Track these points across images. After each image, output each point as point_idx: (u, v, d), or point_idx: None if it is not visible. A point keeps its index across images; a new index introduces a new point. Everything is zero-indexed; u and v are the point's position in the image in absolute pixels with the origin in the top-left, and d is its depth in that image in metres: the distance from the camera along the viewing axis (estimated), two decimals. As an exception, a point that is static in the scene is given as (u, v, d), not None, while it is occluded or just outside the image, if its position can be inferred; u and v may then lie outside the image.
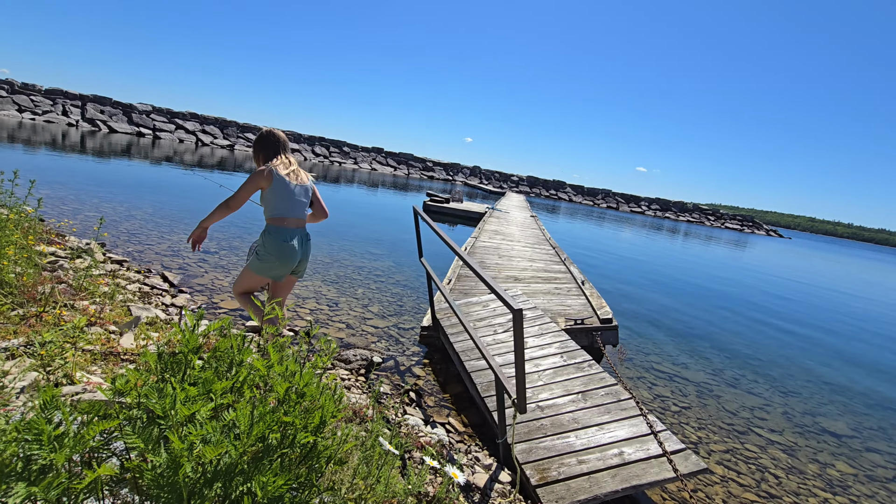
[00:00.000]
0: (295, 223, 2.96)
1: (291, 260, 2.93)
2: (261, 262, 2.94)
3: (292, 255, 2.90)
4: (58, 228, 5.96)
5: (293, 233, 2.92)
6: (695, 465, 2.69)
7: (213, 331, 1.72)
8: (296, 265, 3.00)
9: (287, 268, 2.97)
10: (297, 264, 3.01)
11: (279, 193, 2.84)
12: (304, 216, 3.04)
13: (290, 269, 2.99)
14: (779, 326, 8.91)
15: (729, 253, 26.28)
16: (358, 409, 2.71)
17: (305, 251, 3.05)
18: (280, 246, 2.86)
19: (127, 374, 1.22)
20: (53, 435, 0.97)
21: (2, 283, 3.31)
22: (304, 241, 3.04)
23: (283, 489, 1.00)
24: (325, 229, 10.84)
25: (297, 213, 2.96)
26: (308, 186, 3.05)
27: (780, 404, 5.04)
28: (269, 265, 2.91)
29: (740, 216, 75.43)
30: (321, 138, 58.95)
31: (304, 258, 3.05)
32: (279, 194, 2.84)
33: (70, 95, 42.83)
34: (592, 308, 5.66)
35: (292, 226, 2.92)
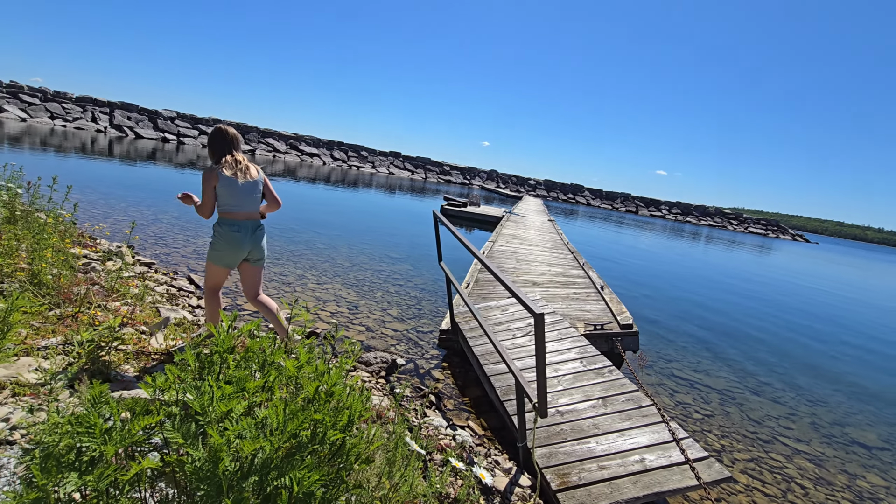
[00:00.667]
0: (243, 216, 3.16)
1: (238, 247, 3.15)
2: (213, 251, 3.18)
3: (239, 242, 3.14)
4: (90, 232, 6.17)
5: (241, 224, 3.15)
6: (718, 474, 2.65)
7: (244, 332, 1.78)
8: (245, 253, 3.21)
9: (237, 254, 3.18)
10: (249, 252, 3.23)
11: (226, 191, 3.07)
12: (253, 209, 3.23)
13: (241, 255, 3.20)
14: (805, 334, 8.69)
15: (752, 258, 25.70)
16: (380, 412, 2.76)
17: (255, 239, 3.22)
18: (228, 235, 3.10)
19: (167, 371, 1.28)
20: (103, 428, 1.02)
21: (40, 284, 3.46)
22: (254, 231, 3.23)
23: (316, 484, 1.04)
24: (343, 233, 10.99)
25: (245, 208, 3.16)
26: (258, 181, 3.22)
27: (807, 413, 4.92)
28: (220, 253, 3.14)
29: (764, 220, 73.63)
30: (339, 143, 59.68)
31: (253, 247, 3.23)
32: (226, 192, 3.07)
33: (99, 102, 44.28)
34: (612, 313, 5.61)
35: (240, 218, 3.15)
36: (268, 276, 6.35)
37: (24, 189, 5.22)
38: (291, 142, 54.87)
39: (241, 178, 3.10)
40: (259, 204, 3.25)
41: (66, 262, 3.89)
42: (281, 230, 9.90)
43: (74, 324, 3.16)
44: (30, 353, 2.58)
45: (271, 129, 54.51)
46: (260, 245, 3.27)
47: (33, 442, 1.05)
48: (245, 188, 3.11)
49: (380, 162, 59.82)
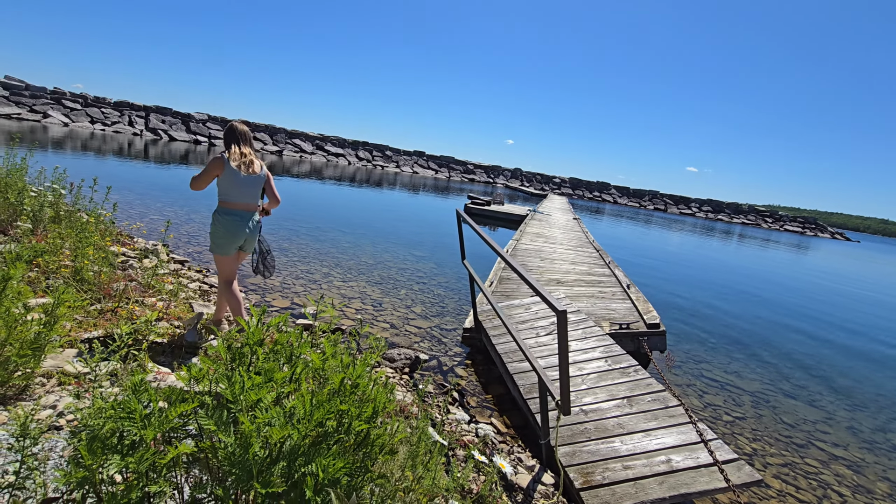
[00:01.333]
0: (242, 206, 3.31)
1: (235, 234, 3.30)
2: (213, 241, 3.33)
3: (236, 230, 3.28)
4: (128, 230, 6.44)
5: (238, 213, 3.30)
6: (748, 476, 2.59)
7: (272, 326, 1.84)
8: (242, 241, 3.36)
9: (234, 242, 3.33)
10: (245, 241, 3.38)
11: (228, 181, 3.21)
12: (252, 202, 3.36)
13: (237, 243, 3.35)
14: (843, 336, 8.33)
15: (788, 257, 24.76)
16: (403, 406, 2.79)
17: (252, 230, 3.38)
18: (226, 223, 3.26)
19: (201, 361, 1.34)
20: (143, 414, 1.08)
21: (82, 281, 3.64)
22: (251, 222, 3.36)
23: (342, 472, 1.07)
24: (368, 231, 11.12)
25: (244, 199, 3.31)
26: (260, 176, 3.36)
27: (846, 418, 4.72)
28: (220, 241, 3.29)
29: (801, 218, 70.76)
30: (364, 143, 60.34)
31: (249, 237, 3.38)
32: (228, 181, 3.21)
33: (135, 107, 46.03)
34: (639, 312, 5.52)
35: (238, 208, 3.30)
36: (294, 273, 6.49)
37: (67, 190, 5.49)
38: (318, 142, 55.79)
39: (243, 170, 3.26)
40: (258, 198, 3.39)
41: (106, 259, 4.07)
42: (308, 229, 10.09)
43: (114, 318, 3.32)
44: (74, 344, 2.72)
45: (298, 130, 55.54)
46: (254, 235, 3.44)
47: (80, 426, 1.12)
48: (246, 181, 3.27)
49: (404, 161, 60.20)
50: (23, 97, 38.06)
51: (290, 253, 7.65)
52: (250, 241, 3.43)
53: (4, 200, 4.94)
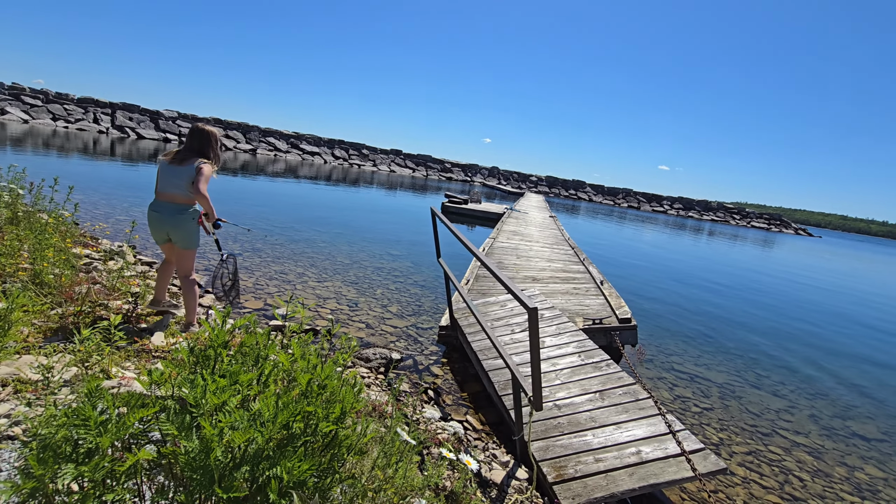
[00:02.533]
0: (164, 197, 3.42)
1: (154, 224, 3.45)
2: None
3: (154, 220, 3.44)
4: (92, 231, 6.22)
5: (159, 204, 3.43)
6: (714, 465, 2.67)
7: (239, 328, 1.80)
8: (164, 233, 3.48)
9: (155, 232, 3.50)
10: (168, 233, 3.48)
11: (158, 173, 3.45)
12: (175, 192, 3.41)
13: (160, 233, 3.50)
14: (806, 327, 8.68)
15: (754, 252, 25.63)
16: (377, 406, 2.78)
17: (172, 222, 3.43)
18: (148, 213, 3.46)
19: (162, 366, 1.31)
20: (99, 420, 1.05)
21: (42, 284, 3.50)
22: (172, 213, 3.42)
23: (307, 474, 1.06)
24: (344, 231, 11.02)
25: (166, 189, 3.41)
26: (185, 168, 3.40)
27: (807, 406, 4.93)
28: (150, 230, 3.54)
29: (767, 215, 73.37)
30: (340, 141, 59.69)
31: (171, 228, 3.45)
32: (157, 173, 3.46)
33: (101, 104, 44.39)
34: (611, 308, 5.63)
35: (161, 199, 3.44)
36: (268, 274, 6.39)
37: (26, 190, 5.26)
38: (293, 141, 54.92)
39: (168, 161, 3.39)
40: (182, 189, 3.40)
41: (68, 261, 3.92)
42: (282, 229, 9.94)
43: (77, 322, 3.20)
44: (31, 351, 2.61)
45: (272, 129, 54.55)
46: (179, 228, 3.45)
47: (31, 434, 1.08)
48: (168, 171, 3.38)
49: (381, 160, 59.83)
50: (-22, 93, 36.29)
51: (264, 253, 7.51)
52: (174, 232, 3.46)
53: (-44, 201, 4.70)
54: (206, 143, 3.48)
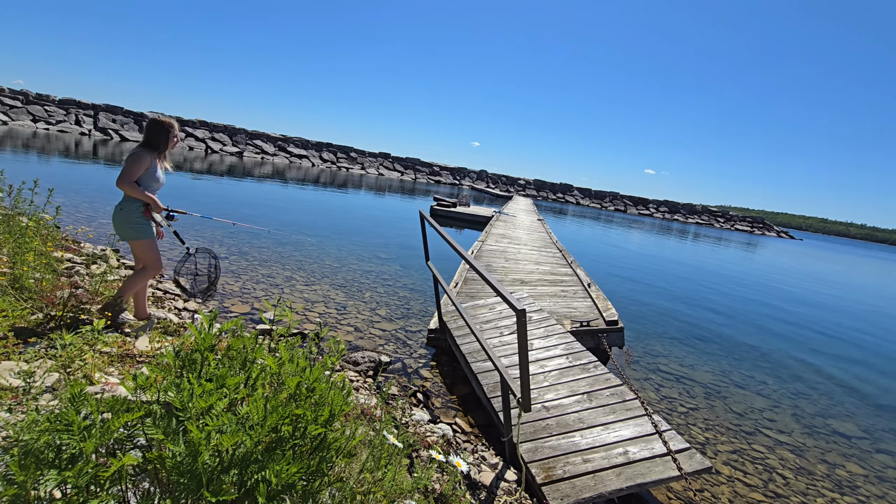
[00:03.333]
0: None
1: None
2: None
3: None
4: (74, 235, 6.10)
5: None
6: (699, 464, 2.71)
7: (226, 331, 1.79)
8: (114, 229, 3.54)
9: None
10: (115, 228, 3.54)
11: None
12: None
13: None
14: (788, 328, 8.85)
15: (738, 255, 26.08)
16: (366, 409, 2.77)
17: (113, 216, 3.48)
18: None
19: (147, 370, 1.29)
20: (82, 425, 1.04)
21: (22, 289, 3.43)
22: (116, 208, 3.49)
23: (295, 477, 1.06)
24: (332, 234, 10.96)
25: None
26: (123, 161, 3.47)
27: (790, 406, 5.02)
28: None
29: (750, 218, 74.68)
30: (328, 144, 59.40)
31: (113, 223, 3.50)
32: None
33: (83, 105, 43.62)
34: (598, 310, 5.68)
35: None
36: (255, 277, 6.32)
37: (5, 193, 5.15)
38: (280, 143, 54.51)
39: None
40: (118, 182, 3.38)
41: (49, 265, 3.85)
42: (269, 232, 9.85)
43: (58, 327, 3.13)
44: (11, 356, 2.56)
45: (259, 131, 54.11)
46: (115, 221, 3.47)
47: (12, 440, 1.06)
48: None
49: (369, 163, 59.67)
50: (-46, 93, 35.43)
51: (251, 257, 7.44)
52: (114, 226, 3.49)
53: (-68, 204, 4.59)
54: (150, 132, 3.45)
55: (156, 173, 3.46)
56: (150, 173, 3.43)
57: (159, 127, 3.44)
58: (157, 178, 3.48)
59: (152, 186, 3.49)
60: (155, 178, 3.46)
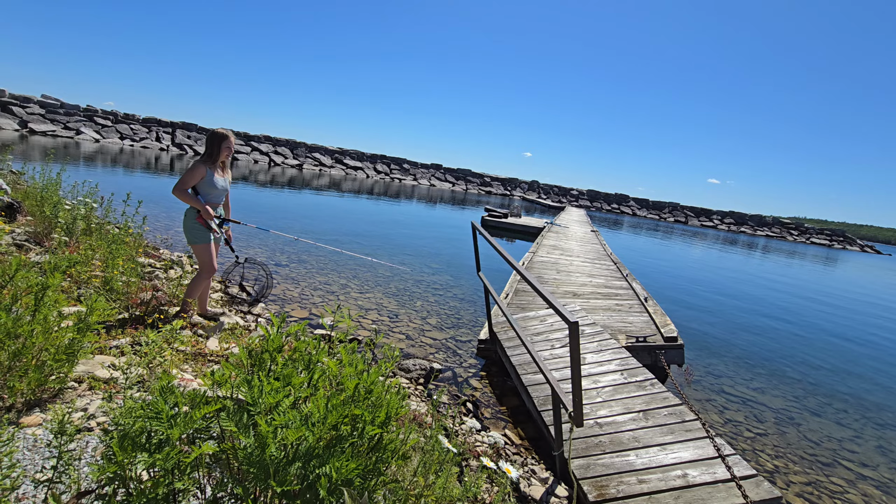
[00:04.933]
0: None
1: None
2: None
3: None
4: (154, 242, 6.67)
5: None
6: (767, 493, 2.54)
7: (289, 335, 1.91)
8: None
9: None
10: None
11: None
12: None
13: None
14: (870, 351, 8.05)
15: (812, 270, 24.07)
16: (417, 416, 2.83)
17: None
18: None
19: (223, 367, 1.41)
20: (170, 414, 1.15)
21: (111, 290, 3.80)
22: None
23: (354, 473, 1.12)
24: (385, 243, 11.24)
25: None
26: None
27: (873, 437, 4.57)
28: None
29: (829, 230, 68.71)
30: (382, 156, 61.16)
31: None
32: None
33: (162, 123, 47.67)
34: (656, 325, 5.46)
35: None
36: (313, 284, 6.61)
37: (98, 203, 5.73)
38: (336, 156, 56.77)
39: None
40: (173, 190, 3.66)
41: (135, 270, 4.24)
42: (326, 241, 10.27)
43: (141, 326, 3.44)
44: (103, 351, 2.84)
45: (317, 145, 56.65)
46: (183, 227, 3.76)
47: (112, 425, 1.19)
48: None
49: (421, 174, 60.75)
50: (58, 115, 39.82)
51: (309, 265, 7.79)
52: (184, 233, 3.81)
53: (41, 213, 5.19)
54: (206, 144, 3.71)
55: (212, 181, 3.66)
56: (206, 182, 3.65)
57: (213, 138, 3.68)
58: (214, 185, 3.68)
59: (210, 194, 3.72)
60: (212, 185, 3.67)
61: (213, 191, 3.72)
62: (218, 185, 3.74)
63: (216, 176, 3.72)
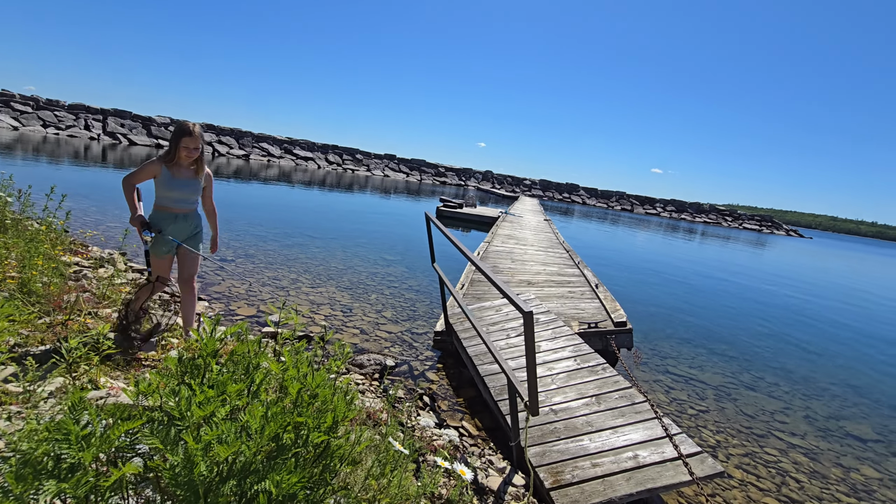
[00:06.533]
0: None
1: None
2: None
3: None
4: (82, 239, 6.14)
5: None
6: (711, 469, 2.66)
7: (230, 335, 1.77)
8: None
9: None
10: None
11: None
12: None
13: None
14: (799, 328, 8.73)
15: (746, 254, 25.81)
16: (372, 413, 2.75)
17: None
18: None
19: (150, 377, 1.27)
20: (81, 435, 1.02)
21: (30, 293, 3.44)
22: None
23: (297, 487, 1.03)
24: (338, 236, 10.96)
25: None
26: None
27: (802, 407, 4.93)
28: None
29: (759, 216, 73.96)
30: (334, 146, 59.66)
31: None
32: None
33: (92, 110, 44.13)
34: (606, 311, 5.63)
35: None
36: (261, 280, 6.33)
37: (14, 197, 5.19)
38: (286, 146, 54.82)
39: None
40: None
41: (57, 269, 3.87)
42: (275, 234, 9.88)
43: (64, 331, 3.14)
44: (17, 362, 2.56)
45: (265, 134, 54.46)
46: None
47: (11, 450, 1.04)
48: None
49: (374, 165, 59.84)
50: (-34, 100, 36.01)
51: (257, 259, 7.46)
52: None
53: (-58, 209, 4.63)
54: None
55: (168, 183, 3.14)
56: (161, 183, 3.15)
57: (173, 133, 3.15)
58: (168, 187, 3.15)
59: (164, 197, 3.20)
60: (166, 187, 3.15)
61: (169, 193, 3.17)
62: (175, 188, 3.16)
63: (175, 177, 3.15)
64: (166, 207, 3.23)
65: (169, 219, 3.25)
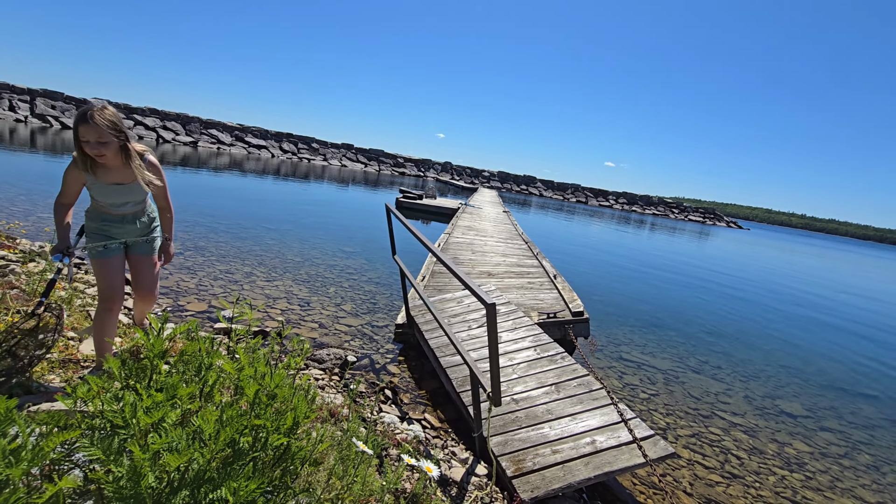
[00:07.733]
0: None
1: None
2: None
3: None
4: (8, 231, 5.64)
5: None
6: (663, 450, 2.78)
7: (180, 334, 1.67)
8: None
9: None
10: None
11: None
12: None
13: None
14: (738, 313, 9.30)
15: (692, 245, 27.22)
16: (333, 409, 2.69)
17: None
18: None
19: (89, 381, 1.17)
20: (8, 449, 0.92)
21: (-54, 291, 3.12)
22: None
23: (255, 493, 0.98)
24: (294, 227, 10.64)
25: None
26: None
27: (741, 388, 5.27)
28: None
29: (703, 209, 78.13)
30: (289, 134, 57.72)
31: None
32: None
33: (17, 90, 40.51)
34: (564, 301, 5.77)
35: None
36: (213, 274, 6.05)
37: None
38: (237, 133, 52.51)
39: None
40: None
41: (-22, 264, 3.52)
42: (227, 226, 9.46)
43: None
44: (-67, 367, 2.31)
45: (214, 120, 51.92)
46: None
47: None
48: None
49: (332, 154, 58.44)
50: None
51: (208, 252, 7.12)
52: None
53: None
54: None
55: (99, 189, 2.52)
56: (92, 190, 2.54)
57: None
58: (103, 194, 2.54)
59: (102, 205, 2.61)
60: (98, 193, 2.54)
61: (102, 199, 2.57)
62: (110, 195, 2.55)
63: (102, 181, 2.49)
64: (106, 210, 2.65)
65: (112, 221, 2.69)
